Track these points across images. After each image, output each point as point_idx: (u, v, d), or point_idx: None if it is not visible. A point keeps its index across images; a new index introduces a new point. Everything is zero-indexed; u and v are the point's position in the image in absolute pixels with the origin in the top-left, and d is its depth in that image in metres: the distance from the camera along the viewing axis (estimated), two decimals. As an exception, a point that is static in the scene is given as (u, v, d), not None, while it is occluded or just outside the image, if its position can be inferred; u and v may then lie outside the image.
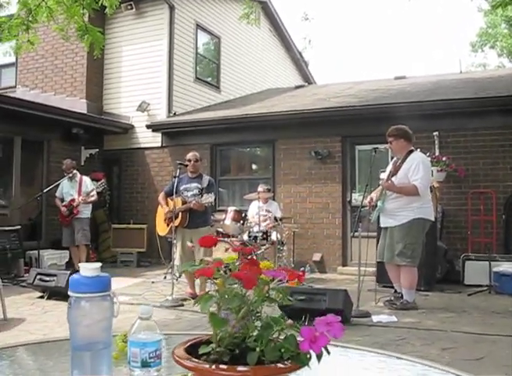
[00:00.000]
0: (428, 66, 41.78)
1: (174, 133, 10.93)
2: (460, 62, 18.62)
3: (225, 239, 8.23)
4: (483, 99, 8.62)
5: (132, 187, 11.40)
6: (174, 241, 6.72)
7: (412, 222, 5.83)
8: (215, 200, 7.01)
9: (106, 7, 7.58)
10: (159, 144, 11.13)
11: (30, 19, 6.90)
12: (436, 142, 8.64)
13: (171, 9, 11.27)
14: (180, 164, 6.85)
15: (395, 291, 6.21)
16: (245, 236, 8.48)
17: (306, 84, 15.74)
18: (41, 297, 6.74)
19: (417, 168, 5.81)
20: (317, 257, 9.47)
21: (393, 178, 5.91)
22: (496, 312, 5.81)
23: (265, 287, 1.04)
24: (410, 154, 5.99)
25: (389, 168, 6.22)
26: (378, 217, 6.12)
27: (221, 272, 1.07)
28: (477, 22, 38.50)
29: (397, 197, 5.90)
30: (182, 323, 5.33)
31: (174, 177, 6.74)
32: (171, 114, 11.15)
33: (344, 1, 50.19)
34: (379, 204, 5.96)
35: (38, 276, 6.71)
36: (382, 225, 6.19)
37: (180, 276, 7.90)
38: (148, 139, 11.22)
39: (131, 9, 11.19)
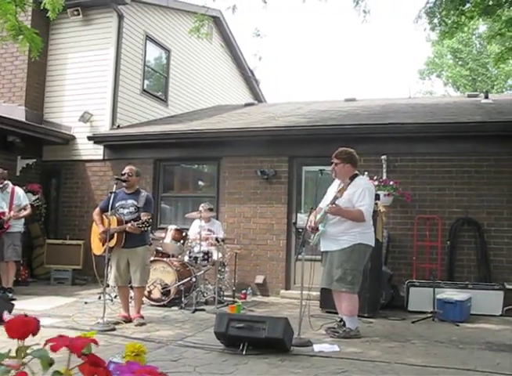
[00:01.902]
0: (378, 91, 42.53)
1: (117, 146, 10.52)
2: (410, 87, 18.83)
3: (164, 259, 7.88)
4: (431, 124, 8.64)
5: (71, 201, 10.88)
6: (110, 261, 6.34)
7: (353, 247, 5.68)
8: (155, 217, 6.66)
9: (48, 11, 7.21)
10: (101, 157, 10.68)
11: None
12: (384, 165, 8.58)
13: (120, 17, 10.90)
14: (117, 178, 6.48)
15: (340, 320, 6.00)
16: (185, 257, 8.16)
17: (256, 102, 15.59)
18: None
19: (363, 194, 5.68)
20: (260, 279, 9.19)
21: (337, 202, 5.73)
22: (440, 341, 5.67)
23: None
24: (355, 178, 5.85)
25: (330, 190, 6.05)
26: (319, 240, 5.92)
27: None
28: (425, 51, 39.56)
29: (339, 221, 5.74)
30: (111, 350, 4.93)
31: (111, 192, 6.36)
32: (115, 127, 10.73)
33: (299, 23, 50.85)
34: (320, 227, 5.77)
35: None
36: (322, 250, 6.00)
37: (116, 297, 7.50)
38: (90, 151, 10.75)
39: (78, 15, 10.74)
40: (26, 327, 1.22)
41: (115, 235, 6.27)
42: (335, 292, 5.94)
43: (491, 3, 8.09)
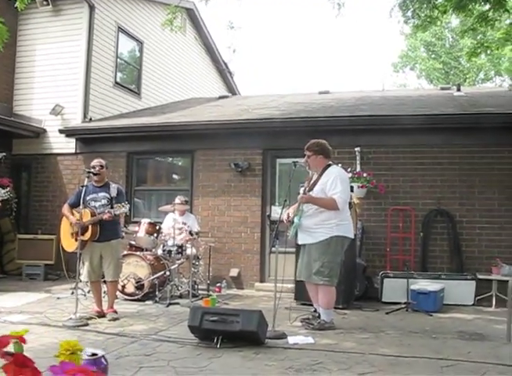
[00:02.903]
0: (351, 84, 42.71)
1: (89, 139, 10.36)
2: (383, 80, 18.94)
3: (138, 253, 7.80)
4: (404, 116, 8.67)
5: (42, 195, 10.69)
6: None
7: (329, 239, 5.64)
8: (129, 210, 6.55)
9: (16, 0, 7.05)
10: (73, 150, 10.50)
11: None
12: (358, 157, 8.60)
13: (91, 8, 10.70)
14: (89, 172, 6.35)
15: (315, 310, 6.00)
16: (159, 250, 8.09)
17: (230, 94, 15.50)
18: None
19: (335, 182, 5.63)
20: (234, 272, 9.16)
21: (309, 193, 5.71)
22: (413, 331, 5.72)
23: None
24: (327, 168, 5.83)
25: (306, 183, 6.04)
26: (296, 233, 5.89)
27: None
28: (399, 44, 39.82)
29: (314, 213, 5.70)
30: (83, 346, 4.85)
31: (82, 186, 6.25)
32: (87, 120, 10.57)
33: (273, 15, 50.76)
34: (295, 220, 5.73)
35: None
36: (300, 243, 5.97)
37: (89, 292, 7.40)
38: (61, 144, 10.57)
39: (48, 5, 10.51)
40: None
41: (89, 228, 6.16)
42: (310, 284, 5.93)
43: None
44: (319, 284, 5.75)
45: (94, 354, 2.76)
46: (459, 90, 11.46)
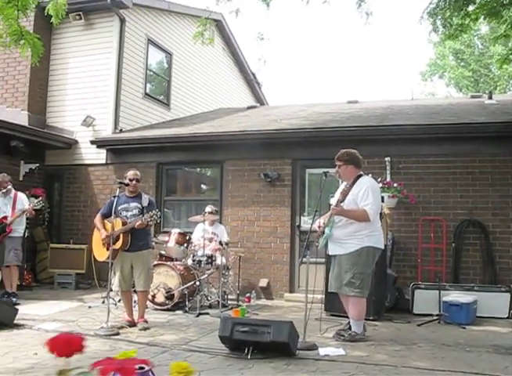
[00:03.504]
0: (380, 93, 42.47)
1: (119, 150, 10.50)
2: (412, 89, 18.79)
3: (168, 263, 7.84)
4: (435, 125, 8.60)
5: (74, 205, 10.86)
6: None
7: (360, 250, 5.60)
8: (159, 219, 6.59)
9: (52, 16, 7.19)
10: (103, 161, 10.66)
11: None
12: (388, 167, 8.54)
13: (122, 21, 10.89)
14: (120, 182, 6.42)
15: (348, 322, 5.95)
16: (189, 260, 8.13)
17: (258, 105, 15.55)
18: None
19: (366, 193, 5.59)
20: (264, 283, 9.15)
21: (341, 205, 5.68)
22: (446, 344, 5.61)
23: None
24: (359, 179, 5.79)
25: (338, 193, 6.00)
26: (326, 244, 5.86)
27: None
28: (427, 52, 39.52)
29: (345, 224, 5.67)
30: (114, 355, 4.89)
31: (114, 197, 6.32)
32: (117, 131, 10.72)
33: (301, 26, 50.86)
34: (326, 230, 5.69)
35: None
36: (330, 253, 5.94)
37: (119, 301, 7.47)
38: (92, 155, 10.74)
39: (80, 19, 10.73)
40: (70, 345, 1.18)
41: (120, 237, 6.22)
42: (343, 296, 5.89)
43: (495, 4, 8.01)
44: (349, 296, 5.71)
45: (141, 367, 2.77)
46: (490, 98, 11.31)
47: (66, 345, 1.13)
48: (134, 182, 6.43)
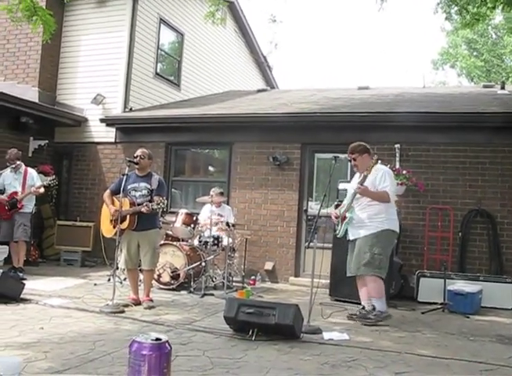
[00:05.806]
0: (391, 80, 42.16)
1: (129, 129, 10.49)
2: (424, 77, 18.56)
3: (174, 243, 7.86)
4: (446, 114, 8.52)
5: (82, 183, 10.89)
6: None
7: (380, 233, 5.82)
8: (167, 201, 6.60)
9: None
10: (112, 139, 10.66)
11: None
12: (397, 154, 8.49)
13: (134, 0, 10.82)
14: (129, 160, 6.41)
15: (363, 307, 5.99)
16: (195, 241, 8.15)
17: (268, 88, 15.46)
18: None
19: (384, 177, 5.89)
20: (269, 266, 9.17)
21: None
22: (450, 333, 5.62)
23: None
24: (375, 164, 5.95)
25: (354, 180, 6.15)
26: (346, 230, 6.01)
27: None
28: (439, 41, 39.12)
29: (364, 207, 5.89)
30: (118, 333, 4.94)
31: (123, 175, 6.31)
32: (127, 109, 10.70)
33: (313, 9, 50.41)
34: (348, 214, 5.91)
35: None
36: (351, 238, 6.06)
37: (125, 279, 7.51)
38: (101, 133, 10.73)
39: (92, -4, 10.68)
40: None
41: (127, 217, 6.23)
42: (360, 280, 5.97)
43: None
44: (367, 275, 5.81)
45: (158, 339, 2.80)
46: (503, 88, 11.18)
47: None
48: (138, 158, 6.42)
